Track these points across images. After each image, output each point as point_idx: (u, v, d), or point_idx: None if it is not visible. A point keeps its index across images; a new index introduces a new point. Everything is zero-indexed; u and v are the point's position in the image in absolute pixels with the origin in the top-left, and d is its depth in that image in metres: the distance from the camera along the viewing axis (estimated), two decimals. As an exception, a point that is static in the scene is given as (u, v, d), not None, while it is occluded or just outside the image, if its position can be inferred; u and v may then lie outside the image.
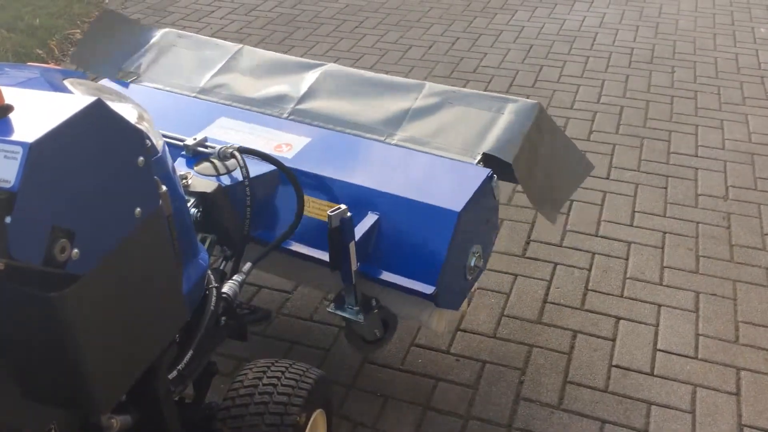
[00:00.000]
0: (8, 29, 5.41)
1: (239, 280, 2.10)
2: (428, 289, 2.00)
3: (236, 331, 2.10)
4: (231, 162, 2.23)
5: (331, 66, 2.73)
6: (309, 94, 2.62)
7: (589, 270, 3.13)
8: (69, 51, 5.37)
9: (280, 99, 2.62)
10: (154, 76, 2.75)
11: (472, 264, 2.16)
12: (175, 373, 1.72)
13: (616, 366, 2.65)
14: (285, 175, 2.19)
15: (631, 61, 5.27)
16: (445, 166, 2.24)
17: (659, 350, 2.72)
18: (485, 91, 4.75)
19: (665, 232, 3.38)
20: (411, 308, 2.16)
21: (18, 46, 5.18)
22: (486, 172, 2.17)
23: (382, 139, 2.40)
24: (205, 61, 2.81)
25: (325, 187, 2.22)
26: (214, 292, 1.93)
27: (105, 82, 2.65)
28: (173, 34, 2.93)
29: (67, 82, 1.56)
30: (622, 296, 2.98)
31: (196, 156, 2.29)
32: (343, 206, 1.94)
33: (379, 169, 2.24)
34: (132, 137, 1.12)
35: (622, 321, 2.85)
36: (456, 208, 2.03)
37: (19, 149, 0.92)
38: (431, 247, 2.02)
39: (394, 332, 2.33)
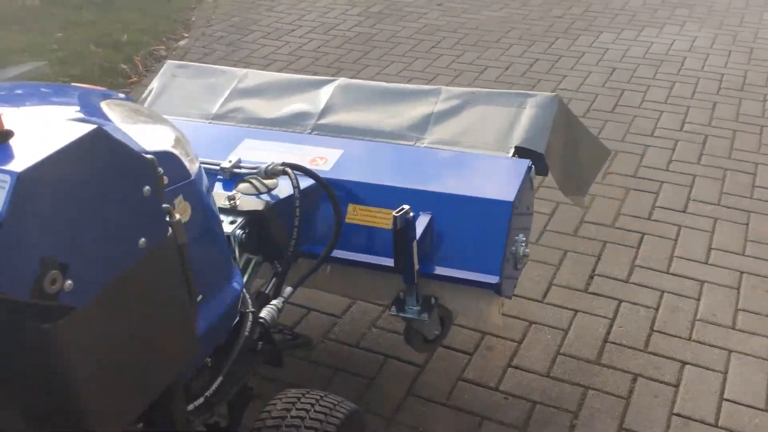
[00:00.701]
0: (97, 44, 5.65)
1: (278, 304, 2.07)
2: (493, 279, 2.05)
3: (272, 357, 2.07)
4: (270, 181, 2.23)
5: (343, 80, 2.73)
6: (328, 109, 2.63)
7: (657, 309, 2.94)
8: (152, 66, 5.55)
9: (299, 116, 2.63)
10: (162, 108, 2.74)
11: (521, 253, 2.20)
12: (201, 400, 1.70)
13: (677, 414, 2.46)
14: (323, 188, 2.17)
15: (720, 87, 5.00)
16: (483, 161, 2.31)
17: (726, 400, 2.52)
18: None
19: (743, 272, 3.15)
20: (468, 301, 2.19)
21: (104, 60, 5.39)
22: (526, 162, 2.25)
23: (412, 143, 2.47)
24: (212, 87, 2.81)
25: (371, 194, 2.24)
26: (250, 316, 1.90)
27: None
28: (173, 65, 2.95)
29: (104, 104, 1.56)
30: (689, 339, 2.79)
31: (233, 178, 2.28)
32: (406, 207, 1.96)
33: (420, 171, 2.29)
34: (137, 166, 1.09)
35: (687, 366, 2.66)
36: (509, 198, 2.09)
37: (8, 178, 0.90)
38: (490, 239, 2.08)
39: (450, 328, 2.36)
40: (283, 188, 2.21)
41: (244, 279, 2.12)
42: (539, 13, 6.56)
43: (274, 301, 2.08)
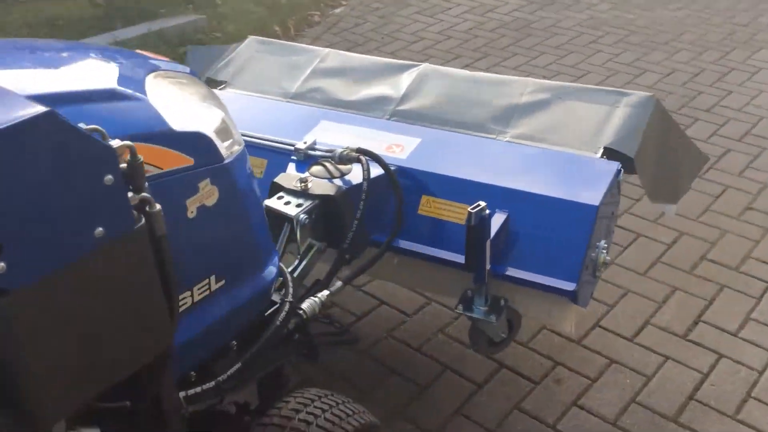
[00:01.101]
0: (256, 3, 5.82)
1: (322, 297, 2.01)
2: (569, 286, 1.96)
3: (308, 350, 2.02)
4: (344, 166, 2.18)
5: (427, 66, 2.65)
6: (409, 95, 2.57)
7: (761, 373, 2.59)
8: (303, 31, 5.63)
9: (379, 101, 2.58)
10: (242, 84, 2.75)
11: (602, 260, 2.10)
12: (212, 384, 1.68)
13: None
14: (389, 178, 2.13)
15: None
16: (568, 160, 2.20)
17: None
18: (714, 135, 4.19)
19: None
20: (540, 306, 2.11)
21: (259, 20, 5.53)
22: (615, 165, 2.13)
23: (494, 137, 2.36)
24: (293, 66, 2.78)
25: (446, 187, 2.16)
26: (287, 306, 1.86)
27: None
28: (256, 41, 2.92)
29: (151, 76, 1.55)
30: (793, 416, 2.43)
31: (307, 160, 2.25)
32: (482, 203, 1.90)
33: (501, 166, 2.20)
34: (96, 155, 1.05)
35: (781, 447, 2.33)
36: (594, 202, 1.99)
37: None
38: (570, 243, 1.99)
39: (518, 331, 2.26)
40: (358, 174, 2.15)
41: (301, 265, 2.10)
42: (721, 18, 5.96)
43: (320, 293, 2.03)
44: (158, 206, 1.19)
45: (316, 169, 2.21)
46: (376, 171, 2.17)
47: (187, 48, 3.12)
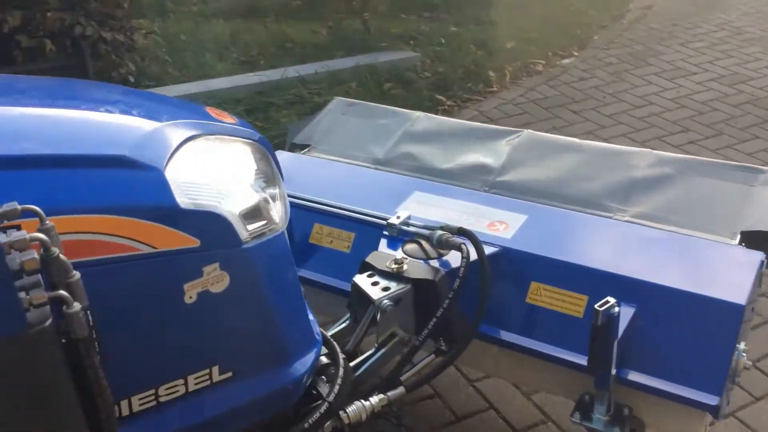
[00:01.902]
0: (477, 45, 5.63)
1: (374, 402, 1.76)
2: (712, 400, 1.68)
3: None
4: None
5: (528, 133, 2.41)
6: (509, 164, 2.31)
7: None
8: (520, 80, 5.34)
9: (477, 170, 2.34)
10: (327, 147, 2.58)
11: (741, 365, 1.82)
12: None
13: None
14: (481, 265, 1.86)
15: None
16: (702, 247, 1.92)
17: None
18: None
19: None
20: (669, 418, 1.81)
21: (474, 62, 5.33)
22: (759, 256, 1.86)
23: (610, 215, 2.09)
24: (382, 129, 2.59)
25: (560, 273, 1.90)
26: (324, 407, 1.64)
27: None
28: (342, 102, 2.75)
29: (192, 143, 1.41)
30: None
31: (400, 236, 2.04)
32: (611, 299, 1.64)
33: (622, 251, 1.92)
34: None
35: None
36: (741, 300, 1.71)
37: None
38: (712, 349, 1.71)
39: None
40: (457, 254, 1.91)
41: (374, 357, 1.87)
42: None
43: (375, 397, 1.78)
44: (77, 306, 1.04)
45: (410, 247, 1.99)
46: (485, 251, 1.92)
47: (290, 125, 3.11)
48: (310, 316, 1.68)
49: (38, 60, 4.16)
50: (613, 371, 1.72)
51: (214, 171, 1.42)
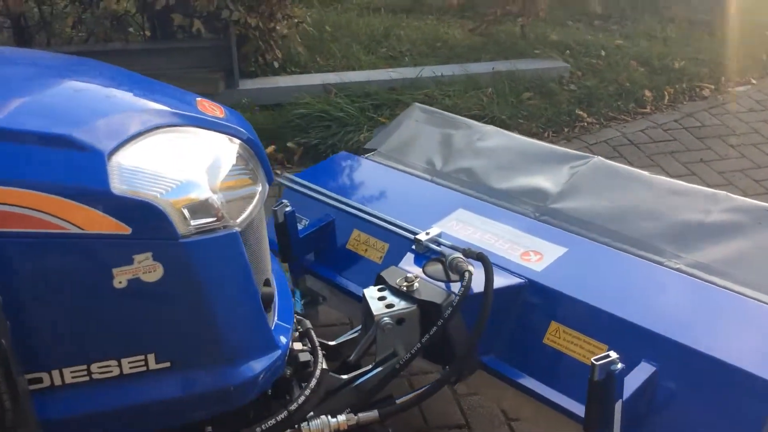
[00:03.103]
0: (639, 61, 5.21)
1: (341, 421, 1.70)
2: None
3: None
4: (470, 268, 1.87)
5: (598, 160, 2.24)
6: (567, 192, 2.15)
7: None
8: (679, 105, 4.87)
9: (531, 193, 2.19)
10: (390, 153, 2.53)
11: None
12: None
13: None
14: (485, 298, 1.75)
15: None
16: (755, 312, 1.68)
17: None
18: None
19: None
20: None
21: (630, 80, 4.94)
22: None
23: (662, 260, 1.90)
24: (448, 140, 2.49)
25: (582, 316, 1.75)
26: (283, 414, 1.62)
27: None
28: (419, 109, 2.67)
29: (163, 131, 1.42)
30: None
31: (425, 253, 1.97)
32: (613, 354, 1.50)
33: (661, 303, 1.74)
34: None
35: None
36: None
37: None
38: (736, 428, 1.51)
39: None
40: (480, 280, 1.81)
41: (371, 372, 1.82)
42: None
43: (341, 417, 1.71)
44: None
45: (431, 267, 1.92)
46: (502, 281, 1.83)
47: (375, 129, 3.06)
48: (282, 323, 1.66)
49: (190, 39, 4.46)
50: None
51: (171, 163, 1.41)
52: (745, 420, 1.50)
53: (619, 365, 1.48)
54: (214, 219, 1.41)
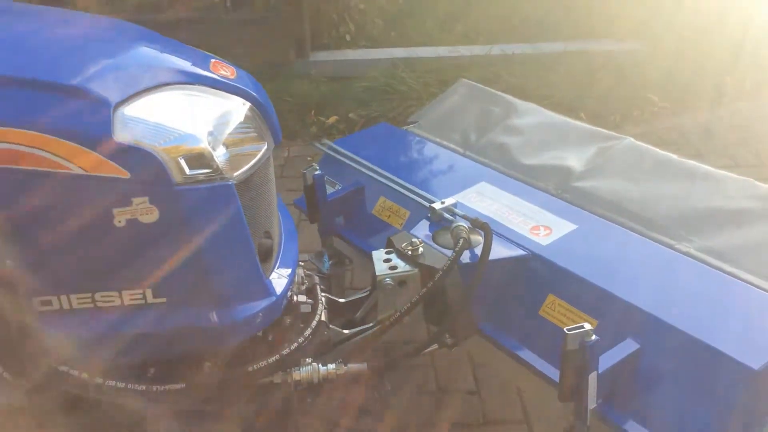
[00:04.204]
0: (713, 46, 4.96)
1: (330, 369, 1.81)
2: None
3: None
4: (474, 237, 1.94)
5: (630, 141, 2.23)
6: (592, 171, 2.16)
7: None
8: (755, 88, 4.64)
9: (556, 171, 2.20)
10: (429, 126, 2.59)
11: None
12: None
13: None
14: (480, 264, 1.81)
15: None
16: (753, 299, 1.68)
17: None
18: None
19: None
20: None
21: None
22: None
23: (673, 243, 1.90)
24: (486, 115, 2.52)
25: (577, 291, 1.78)
26: (274, 357, 1.75)
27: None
28: (466, 85, 2.70)
29: (161, 88, 1.54)
30: None
31: (441, 222, 2.03)
32: (587, 326, 1.53)
33: (658, 284, 1.75)
34: None
35: None
36: (754, 364, 1.48)
37: None
38: (708, 411, 1.52)
39: None
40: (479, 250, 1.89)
41: (372, 329, 1.92)
42: None
43: (331, 366, 1.82)
44: None
45: (442, 236, 1.99)
46: (505, 251, 1.90)
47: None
48: (282, 273, 1.77)
49: (265, 10, 4.62)
50: (593, 405, 1.58)
51: (174, 117, 1.53)
52: (717, 403, 1.50)
53: (593, 337, 1.50)
54: (210, 170, 1.53)
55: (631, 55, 4.78)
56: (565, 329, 1.52)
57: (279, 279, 1.76)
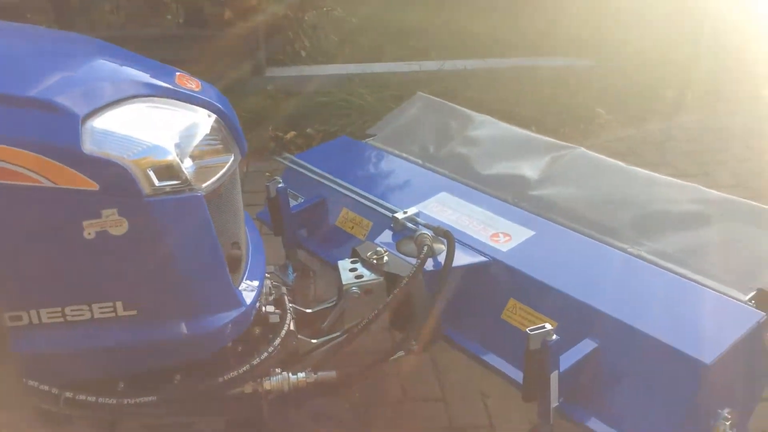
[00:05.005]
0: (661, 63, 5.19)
1: (300, 378, 1.82)
2: None
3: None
4: (439, 246, 1.99)
5: (581, 151, 2.32)
6: (546, 180, 2.25)
7: None
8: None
9: (513, 181, 2.29)
10: (388, 138, 2.65)
11: None
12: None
13: None
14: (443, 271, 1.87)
15: None
16: (702, 297, 1.76)
17: None
18: None
19: None
20: None
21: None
22: (758, 316, 1.67)
23: (626, 246, 1.97)
24: (444, 127, 2.60)
25: (537, 294, 1.85)
26: (245, 367, 1.76)
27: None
28: (423, 98, 2.78)
29: (128, 101, 1.55)
30: None
31: (404, 231, 2.08)
32: (547, 326, 1.59)
33: (613, 286, 1.83)
34: None
35: None
36: (706, 359, 1.55)
37: None
38: (663, 404, 1.59)
39: None
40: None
41: (339, 338, 1.94)
42: None
43: (301, 374, 1.84)
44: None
45: (404, 244, 2.04)
46: (468, 258, 1.96)
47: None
48: (250, 284, 1.79)
49: (220, 26, 4.63)
50: (555, 403, 1.63)
51: (142, 129, 1.55)
52: (673, 398, 1.57)
53: (554, 336, 1.56)
54: (179, 182, 1.54)
55: (580, 71, 4.94)
56: (527, 330, 1.57)
57: (248, 289, 1.78)
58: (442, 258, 1.91)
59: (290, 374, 1.83)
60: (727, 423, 1.60)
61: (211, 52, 4.56)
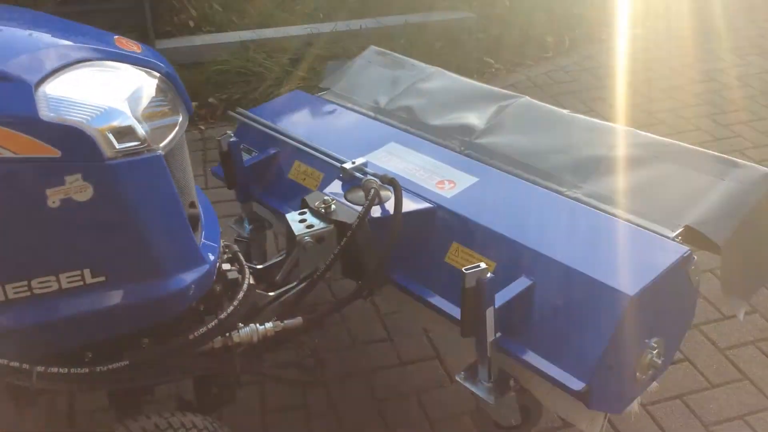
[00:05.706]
0: (546, 11, 5.46)
1: (268, 328, 1.88)
2: (577, 385, 1.63)
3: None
4: (384, 193, 2.04)
5: (526, 100, 2.39)
6: (492, 128, 2.33)
7: None
8: (579, 47, 5.16)
9: (461, 129, 2.37)
10: (341, 92, 2.70)
11: (647, 361, 1.72)
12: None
13: None
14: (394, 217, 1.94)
15: None
16: (632, 235, 1.85)
17: None
18: None
19: None
20: (558, 400, 1.79)
21: (532, 27, 5.17)
22: (682, 251, 1.75)
23: (563, 190, 2.06)
24: (395, 80, 2.66)
25: (478, 238, 1.92)
26: (213, 323, 1.79)
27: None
28: (374, 52, 2.83)
29: (83, 65, 1.54)
30: None
31: (352, 180, 2.13)
32: (482, 265, 1.64)
33: (547, 227, 1.91)
34: None
35: None
36: (629, 290, 1.63)
37: None
38: (590, 335, 1.65)
39: (536, 423, 1.92)
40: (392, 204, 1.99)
41: (296, 288, 2.00)
42: None
43: (270, 323, 1.90)
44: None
45: (355, 193, 2.09)
46: (413, 205, 2.01)
47: (327, 65, 3.20)
48: (209, 242, 1.82)
49: (103, 0, 4.46)
50: (492, 338, 1.72)
51: (95, 92, 1.54)
52: (597, 328, 1.65)
53: (488, 275, 1.63)
54: (138, 143, 1.55)
55: (465, 24, 5.11)
56: (463, 269, 1.64)
57: (208, 248, 1.81)
58: (388, 205, 1.99)
59: (257, 325, 1.88)
60: (654, 351, 1.71)
61: (95, 26, 4.39)
